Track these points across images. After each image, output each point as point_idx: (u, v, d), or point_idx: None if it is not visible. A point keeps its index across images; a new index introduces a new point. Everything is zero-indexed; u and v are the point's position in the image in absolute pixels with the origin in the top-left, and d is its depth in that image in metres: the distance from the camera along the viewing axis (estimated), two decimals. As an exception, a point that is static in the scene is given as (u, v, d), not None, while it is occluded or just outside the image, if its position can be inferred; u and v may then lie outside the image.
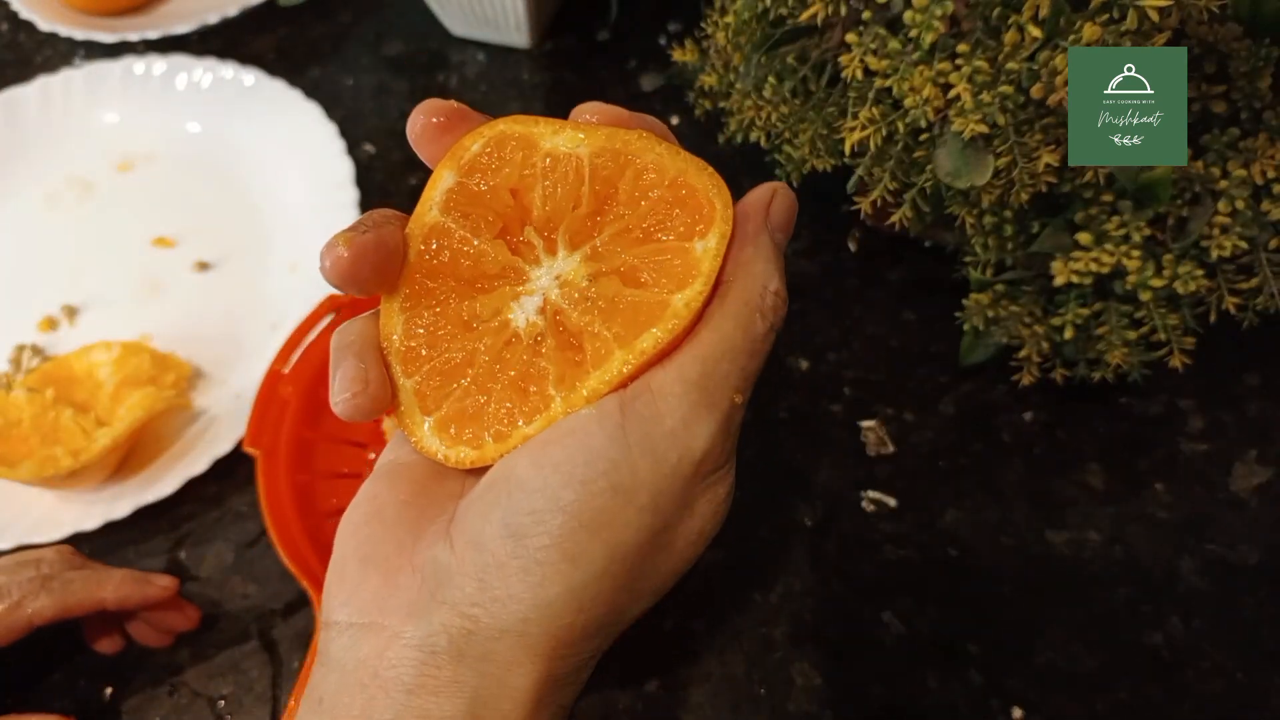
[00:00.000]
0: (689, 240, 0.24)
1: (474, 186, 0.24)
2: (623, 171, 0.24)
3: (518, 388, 0.23)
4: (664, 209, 0.24)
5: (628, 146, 0.24)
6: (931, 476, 0.47)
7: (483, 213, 0.24)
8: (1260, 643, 0.42)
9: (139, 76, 0.63)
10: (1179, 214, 0.40)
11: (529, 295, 0.24)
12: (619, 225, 0.24)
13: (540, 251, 0.24)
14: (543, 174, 0.24)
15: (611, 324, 0.23)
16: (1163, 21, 0.34)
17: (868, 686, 0.42)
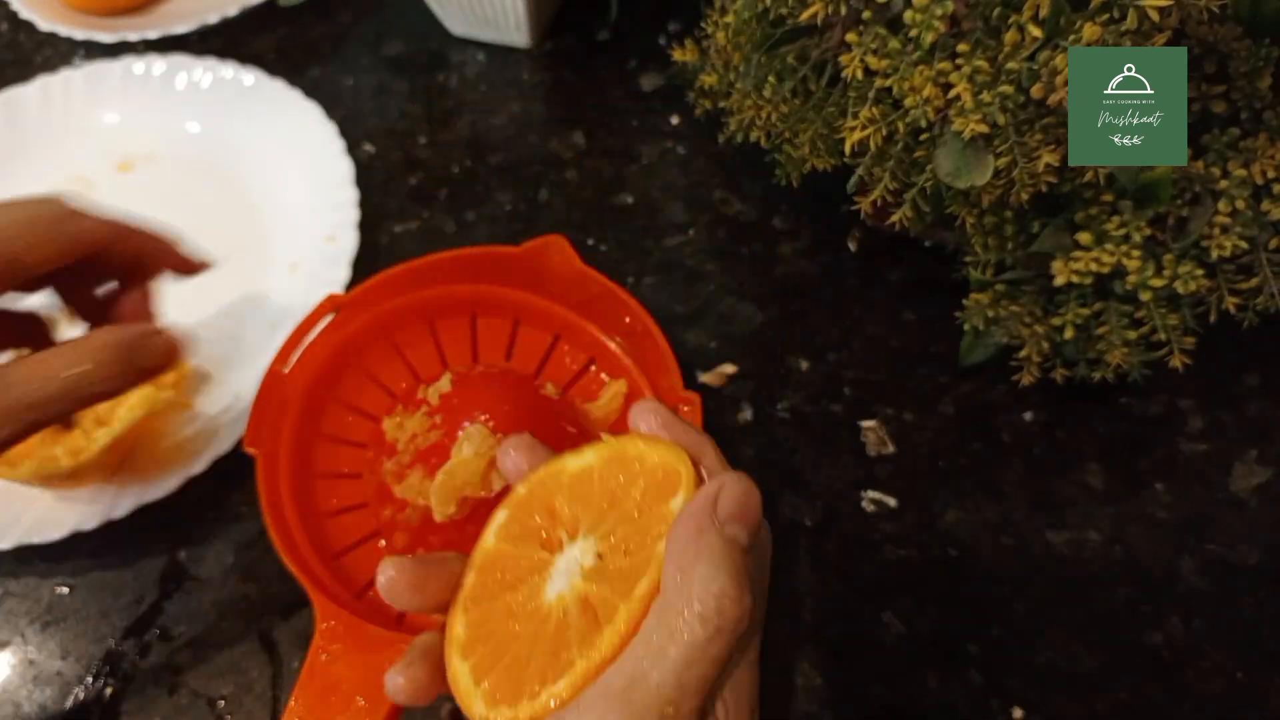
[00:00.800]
0: (665, 504, 0.27)
1: (519, 515, 0.30)
2: (619, 469, 0.29)
3: (550, 654, 0.26)
4: (648, 488, 0.28)
5: (622, 447, 0.29)
6: (932, 476, 0.47)
7: (526, 533, 0.29)
8: (1260, 642, 0.42)
9: (139, 76, 0.63)
10: (1179, 214, 0.40)
11: (555, 578, 0.28)
12: (621, 509, 0.28)
13: (565, 542, 0.29)
14: (567, 489, 0.29)
15: (615, 586, 0.26)
16: (1163, 21, 0.34)
17: (868, 686, 0.42)
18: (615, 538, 0.27)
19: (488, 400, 0.42)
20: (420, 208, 0.59)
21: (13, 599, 0.45)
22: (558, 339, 0.48)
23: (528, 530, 0.29)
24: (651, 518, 0.27)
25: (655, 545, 0.26)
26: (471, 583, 0.29)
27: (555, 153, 0.61)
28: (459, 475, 0.40)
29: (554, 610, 0.27)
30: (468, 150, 0.62)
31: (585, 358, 0.48)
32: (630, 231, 0.57)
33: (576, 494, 0.29)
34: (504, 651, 0.27)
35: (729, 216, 0.58)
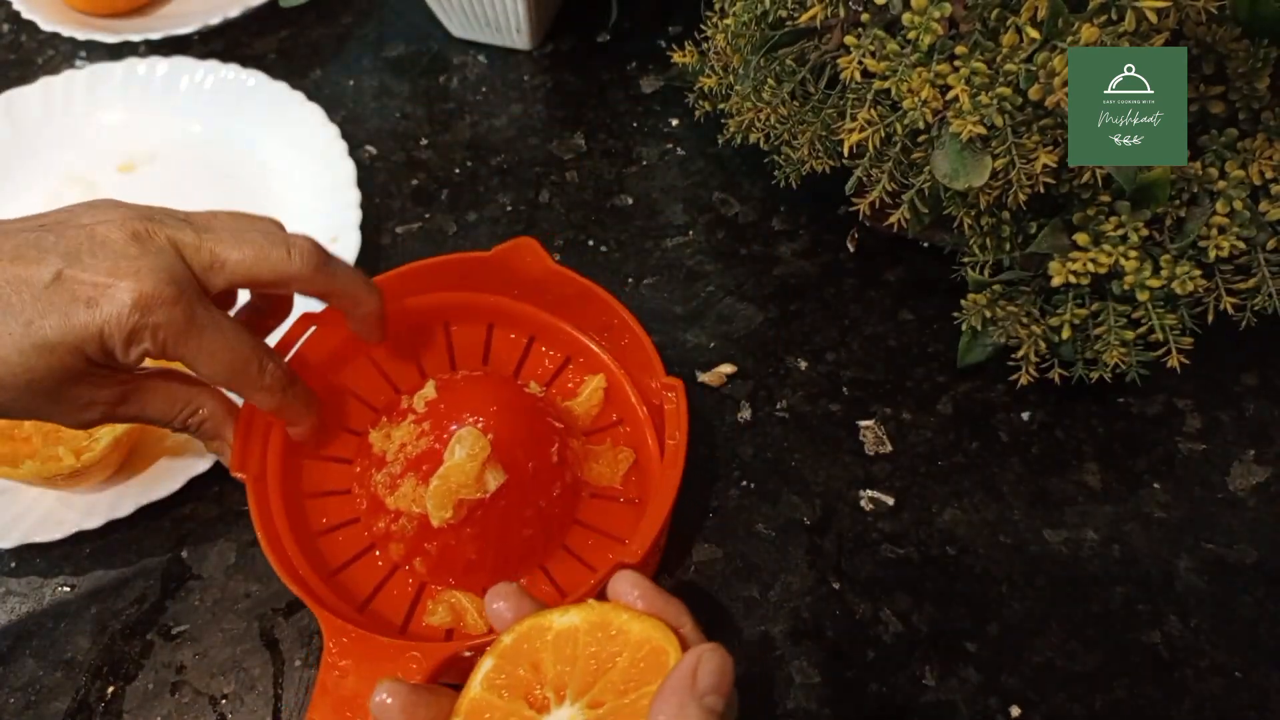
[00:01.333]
0: (656, 682, 0.28)
1: (506, 666, 0.30)
2: (604, 637, 0.30)
3: None
4: (635, 662, 0.29)
5: (605, 616, 0.30)
6: (930, 476, 0.48)
7: (512, 684, 0.30)
8: (1258, 641, 0.43)
9: (141, 77, 0.63)
10: (1177, 214, 0.41)
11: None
12: (607, 679, 0.29)
13: (553, 703, 0.29)
14: (553, 646, 0.30)
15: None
16: (1161, 22, 0.34)
17: (866, 685, 0.42)
18: (604, 710, 0.29)
19: (475, 402, 0.42)
20: (422, 209, 0.59)
21: (15, 598, 0.45)
22: (533, 340, 0.48)
23: (514, 682, 0.30)
24: (640, 696, 0.28)
25: None
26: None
27: (556, 154, 0.62)
28: (453, 478, 0.40)
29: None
30: (469, 152, 0.62)
31: (562, 356, 0.48)
32: (630, 232, 0.57)
33: (562, 654, 0.30)
34: None
35: (728, 217, 0.58)
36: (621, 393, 0.46)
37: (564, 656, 0.30)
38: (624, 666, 0.29)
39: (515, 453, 0.41)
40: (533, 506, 0.42)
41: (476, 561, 0.42)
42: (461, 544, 0.41)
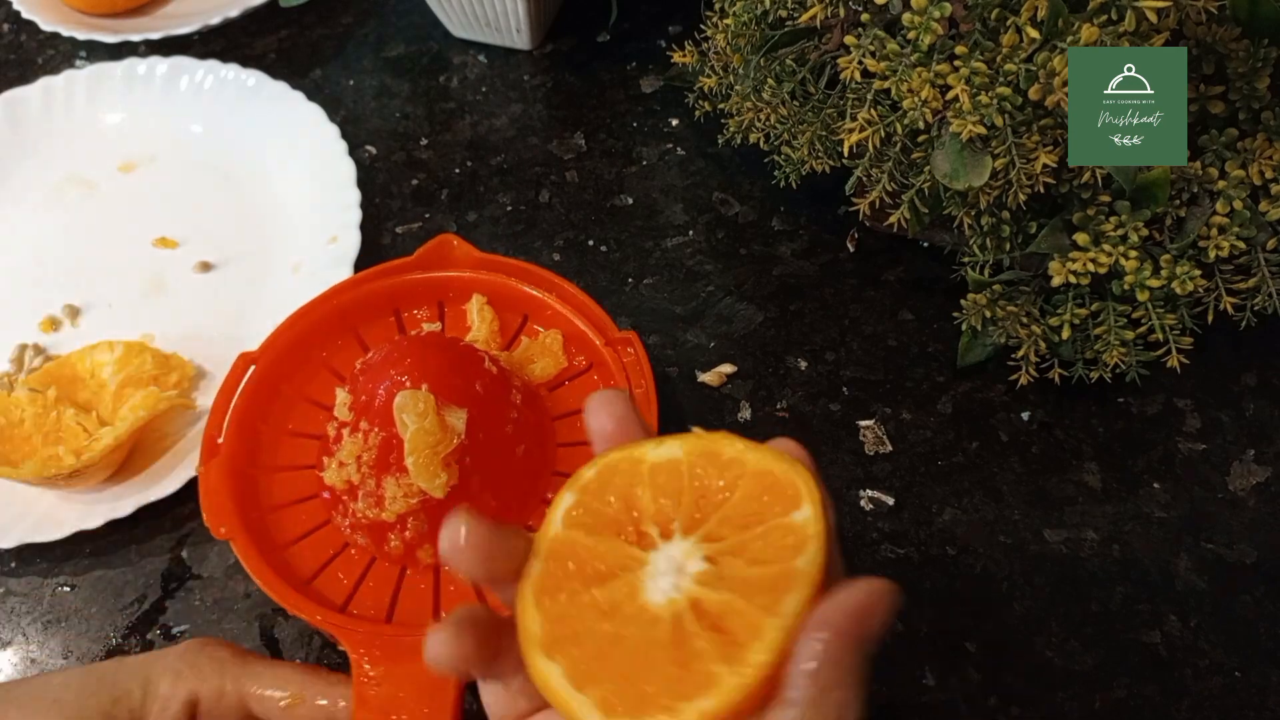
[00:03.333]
0: (786, 516, 0.25)
1: (591, 502, 0.27)
2: (714, 468, 0.26)
3: (678, 664, 0.24)
4: (756, 495, 0.26)
5: (714, 445, 0.27)
6: (929, 475, 0.48)
7: (600, 521, 0.27)
8: (1258, 641, 0.43)
9: (141, 77, 0.63)
10: (1176, 214, 0.41)
11: (658, 578, 0.26)
12: (722, 513, 0.26)
13: (657, 538, 0.26)
14: (649, 479, 0.27)
15: (751, 597, 0.24)
16: (1161, 22, 0.34)
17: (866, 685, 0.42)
18: (724, 545, 0.25)
19: (385, 369, 0.40)
20: (422, 209, 0.59)
21: (15, 598, 0.45)
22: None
23: (602, 520, 0.26)
24: (769, 530, 0.25)
25: (793, 559, 0.25)
26: (539, 571, 0.26)
27: (556, 154, 0.62)
28: (424, 444, 0.38)
29: (663, 615, 0.25)
30: (469, 152, 0.62)
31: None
32: (630, 232, 0.57)
33: (662, 487, 0.26)
34: (607, 656, 0.25)
35: (728, 217, 0.58)
36: (583, 339, 0.46)
37: (664, 489, 0.26)
38: (741, 499, 0.26)
39: (453, 381, 0.40)
40: (508, 422, 0.41)
41: (498, 507, 0.41)
42: (473, 497, 0.40)
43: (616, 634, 0.25)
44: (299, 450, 0.45)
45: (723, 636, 0.24)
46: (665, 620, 0.25)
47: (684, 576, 0.25)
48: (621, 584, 0.25)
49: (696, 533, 0.26)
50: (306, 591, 0.40)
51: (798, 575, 0.24)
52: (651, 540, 0.26)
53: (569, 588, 0.26)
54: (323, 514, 0.43)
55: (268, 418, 0.45)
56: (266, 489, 0.43)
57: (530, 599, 0.26)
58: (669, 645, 0.24)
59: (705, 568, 0.25)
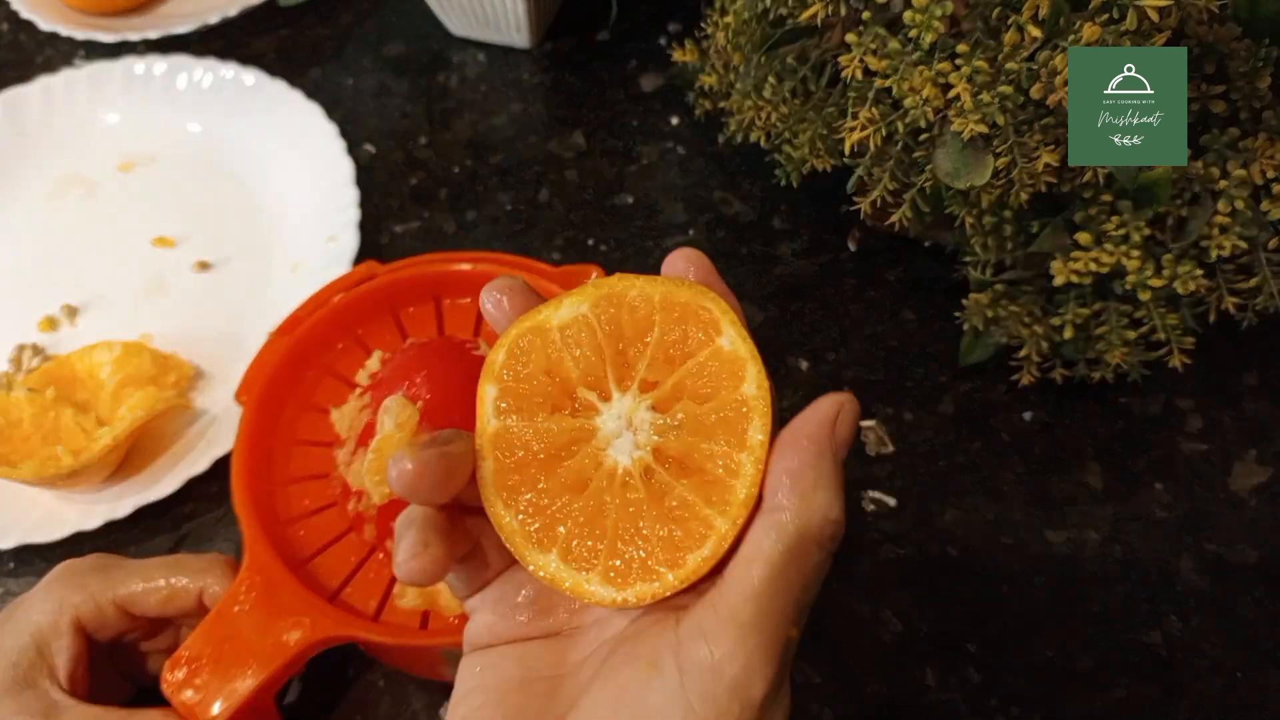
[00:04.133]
0: (713, 343, 0.25)
1: (514, 387, 0.26)
2: (623, 312, 0.26)
3: (665, 521, 0.25)
4: (674, 329, 0.26)
5: (614, 289, 0.27)
6: (931, 476, 0.48)
7: (531, 402, 0.26)
8: (1258, 641, 0.43)
9: (140, 76, 0.63)
10: (1178, 214, 0.41)
11: (614, 441, 0.26)
12: (649, 357, 0.26)
13: (596, 402, 0.26)
14: (564, 345, 0.26)
15: (715, 438, 0.25)
16: (1162, 22, 0.34)
17: (867, 685, 0.42)
18: (667, 387, 0.25)
19: (407, 369, 0.40)
20: (421, 208, 0.59)
21: (14, 598, 0.45)
22: None
23: (533, 400, 0.26)
24: (705, 360, 0.25)
25: (737, 387, 0.25)
26: (492, 470, 0.26)
27: (555, 153, 0.61)
28: (385, 452, 0.38)
29: (634, 474, 0.25)
30: (468, 151, 0.62)
31: None
32: (630, 232, 0.57)
33: (578, 346, 0.26)
34: (596, 531, 0.25)
35: (729, 216, 0.58)
36: None
37: (582, 348, 0.26)
38: (662, 338, 0.26)
39: (453, 418, 0.39)
40: None
41: None
42: None
43: (597, 507, 0.25)
44: (310, 459, 0.45)
45: (699, 479, 0.25)
46: (637, 479, 0.25)
47: (639, 432, 0.26)
48: (581, 457, 0.26)
49: (633, 384, 0.26)
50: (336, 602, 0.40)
51: (750, 402, 0.25)
52: (591, 405, 0.26)
53: (530, 477, 0.26)
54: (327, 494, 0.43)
55: (293, 388, 0.45)
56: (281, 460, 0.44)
57: (498, 501, 0.26)
58: (651, 502, 0.25)
59: (656, 418, 0.26)
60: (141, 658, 0.40)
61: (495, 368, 0.26)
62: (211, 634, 0.36)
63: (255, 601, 0.36)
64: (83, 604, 0.37)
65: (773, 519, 0.24)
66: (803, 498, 0.24)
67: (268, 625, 0.36)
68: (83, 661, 0.37)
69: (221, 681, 0.35)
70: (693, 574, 0.24)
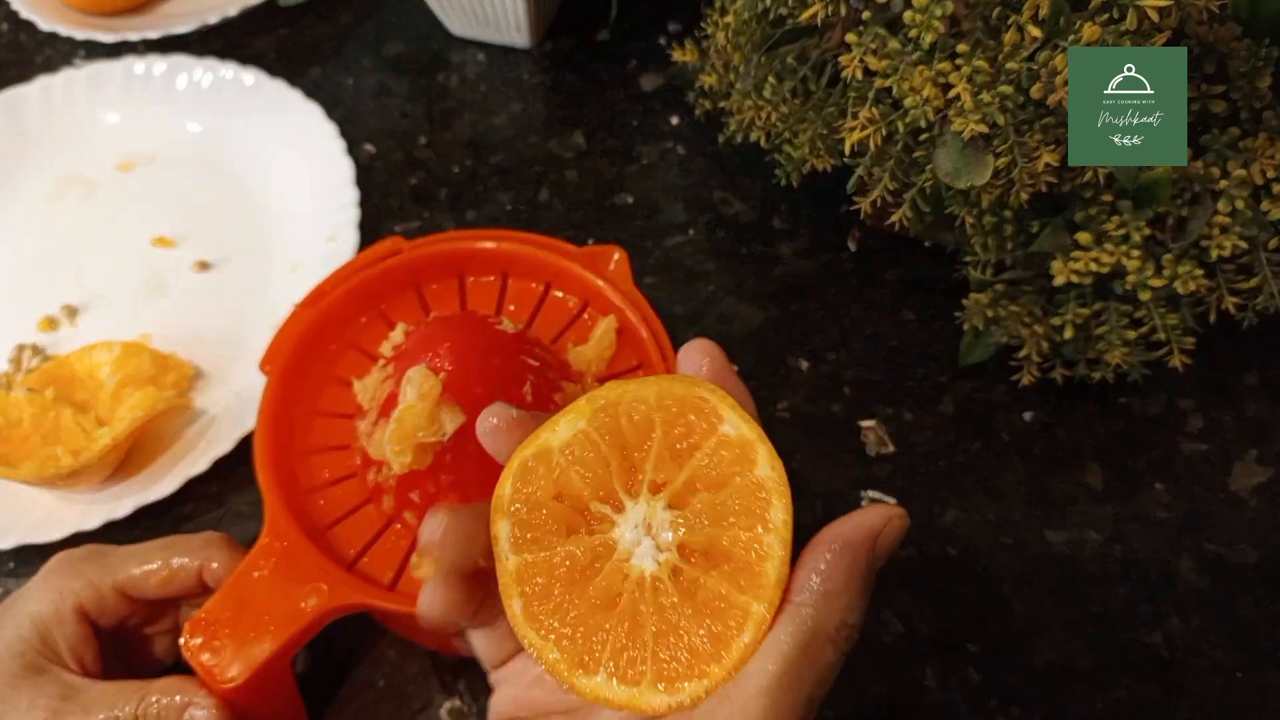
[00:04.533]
0: (715, 432, 0.25)
1: (526, 518, 0.26)
2: (622, 420, 0.26)
3: (701, 616, 0.25)
4: (676, 425, 0.26)
5: (608, 398, 0.26)
6: (931, 476, 0.48)
7: (547, 531, 0.26)
8: (1258, 641, 0.43)
9: (139, 76, 0.63)
10: (1179, 214, 0.41)
11: (636, 550, 0.26)
12: (655, 458, 0.26)
13: (610, 514, 0.26)
14: (570, 464, 0.26)
15: (736, 524, 0.25)
16: (1162, 21, 0.34)
17: (867, 685, 0.42)
18: (678, 484, 0.25)
19: (430, 340, 0.41)
20: (421, 208, 0.59)
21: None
22: (549, 287, 0.48)
23: (548, 530, 0.26)
24: (713, 449, 0.25)
25: (750, 470, 0.25)
26: (520, 605, 0.26)
27: (555, 153, 0.61)
28: (408, 421, 0.38)
29: (663, 577, 0.25)
30: (468, 150, 0.62)
31: (580, 302, 0.48)
32: (630, 231, 0.57)
33: (583, 463, 0.26)
34: (637, 641, 0.25)
35: (729, 216, 0.58)
36: (636, 335, 0.45)
37: (587, 464, 0.26)
38: (665, 437, 0.26)
39: (475, 390, 0.39)
40: None
41: None
42: (442, 492, 0.40)
43: (632, 618, 0.25)
44: (332, 430, 0.45)
45: (728, 568, 0.25)
46: (666, 581, 0.25)
47: (660, 534, 0.26)
48: (607, 574, 0.26)
49: (643, 488, 0.26)
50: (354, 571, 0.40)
51: (765, 484, 0.25)
52: (606, 518, 0.26)
53: (560, 606, 0.26)
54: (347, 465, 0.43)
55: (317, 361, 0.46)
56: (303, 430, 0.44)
57: (534, 635, 0.26)
58: (684, 601, 0.25)
59: (674, 515, 0.26)
60: (145, 642, 0.40)
61: (504, 502, 0.26)
62: (230, 599, 0.36)
63: (274, 568, 0.37)
64: (83, 590, 0.37)
65: (793, 615, 0.24)
66: (826, 598, 0.24)
67: (286, 591, 0.36)
68: (91, 645, 0.37)
69: (240, 645, 0.35)
70: (739, 662, 0.24)
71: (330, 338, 0.46)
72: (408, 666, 0.43)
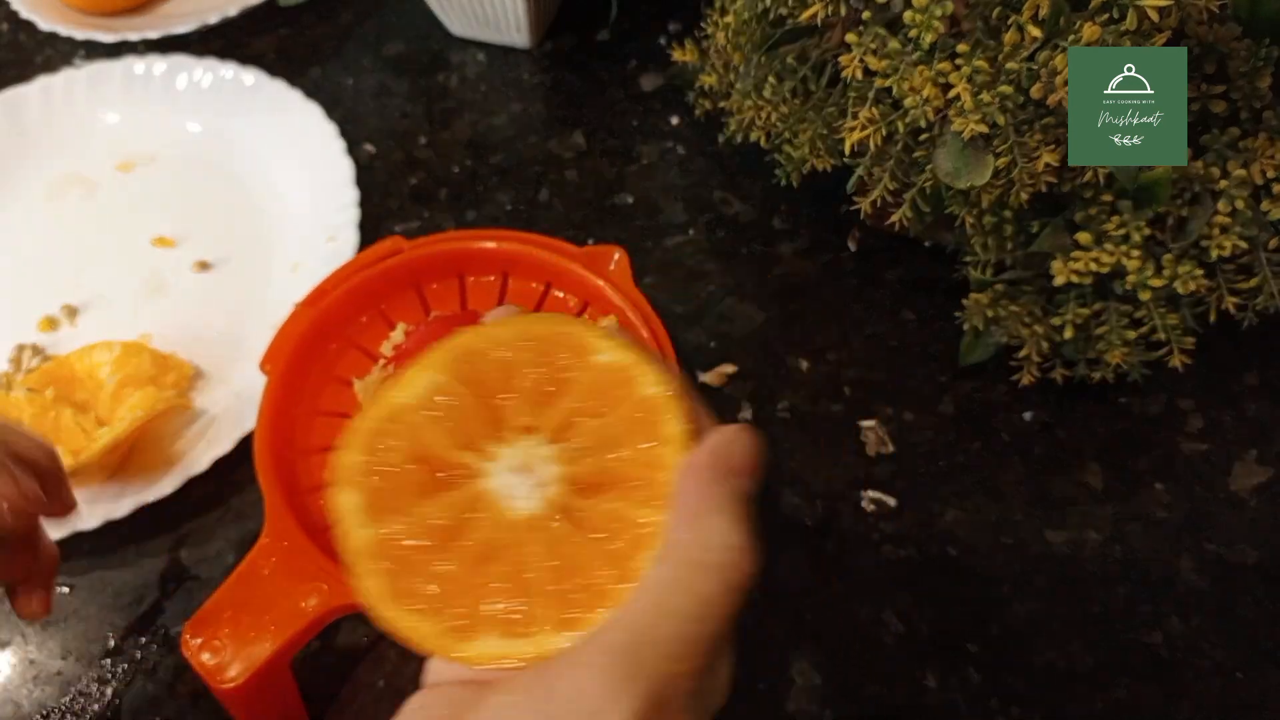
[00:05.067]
0: (587, 359, 0.24)
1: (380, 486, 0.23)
2: (479, 367, 0.24)
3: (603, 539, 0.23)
4: (541, 363, 0.24)
5: (463, 346, 0.24)
6: (931, 476, 0.47)
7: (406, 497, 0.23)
8: (1259, 642, 0.42)
9: (139, 76, 0.63)
10: (1179, 214, 0.41)
11: (513, 490, 0.23)
12: (524, 400, 0.24)
13: (481, 464, 0.23)
14: (427, 421, 0.24)
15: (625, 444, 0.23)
16: (1162, 21, 0.34)
17: (867, 685, 0.42)
18: (557, 419, 0.23)
19: (431, 339, 0.40)
20: (421, 208, 0.59)
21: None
22: (549, 287, 0.48)
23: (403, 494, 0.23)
24: (587, 381, 0.23)
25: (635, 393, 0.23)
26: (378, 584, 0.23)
27: (555, 153, 0.61)
28: None
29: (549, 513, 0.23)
30: (468, 150, 0.62)
31: (580, 302, 0.48)
32: (630, 231, 0.57)
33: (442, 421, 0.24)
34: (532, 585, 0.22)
35: (729, 216, 0.58)
36: (636, 335, 0.45)
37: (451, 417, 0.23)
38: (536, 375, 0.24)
39: None
40: None
41: None
42: None
43: (517, 562, 0.23)
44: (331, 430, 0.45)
45: (624, 489, 0.23)
46: (552, 518, 0.23)
47: (541, 470, 0.23)
48: (481, 526, 0.23)
49: (514, 433, 0.23)
50: None
51: (652, 401, 0.23)
52: (476, 470, 0.23)
53: (426, 571, 0.23)
54: None
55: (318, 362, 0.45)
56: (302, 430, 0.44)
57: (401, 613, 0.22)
58: (578, 531, 0.23)
59: (554, 450, 0.23)
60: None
61: (349, 472, 0.23)
62: (230, 599, 0.36)
63: (275, 568, 0.37)
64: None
65: (660, 544, 0.22)
66: (691, 523, 0.22)
67: (287, 591, 0.36)
68: None
69: (240, 645, 0.35)
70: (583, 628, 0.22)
71: (331, 337, 0.46)
72: (408, 666, 0.43)
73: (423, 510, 0.23)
